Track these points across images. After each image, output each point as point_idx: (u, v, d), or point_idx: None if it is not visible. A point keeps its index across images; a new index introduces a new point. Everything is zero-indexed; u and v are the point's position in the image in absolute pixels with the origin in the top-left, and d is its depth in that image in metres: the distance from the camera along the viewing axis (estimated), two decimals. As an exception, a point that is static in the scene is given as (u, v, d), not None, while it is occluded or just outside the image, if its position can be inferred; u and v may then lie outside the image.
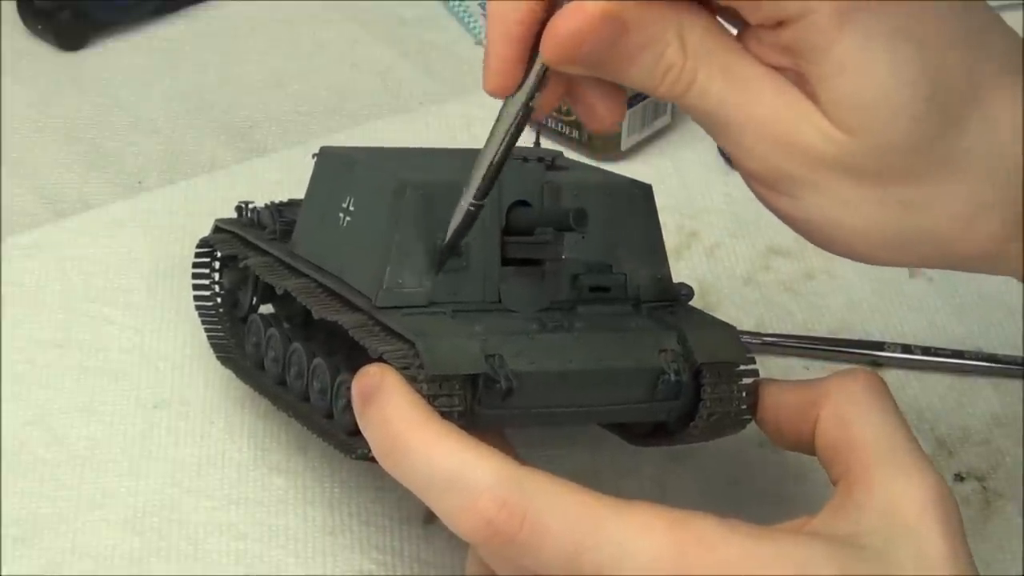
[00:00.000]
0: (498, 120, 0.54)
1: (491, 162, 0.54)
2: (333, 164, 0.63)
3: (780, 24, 0.50)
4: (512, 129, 0.53)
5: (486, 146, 0.54)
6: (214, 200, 0.81)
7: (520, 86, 0.53)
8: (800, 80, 0.52)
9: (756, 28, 0.51)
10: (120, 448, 0.68)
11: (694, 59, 0.52)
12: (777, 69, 0.52)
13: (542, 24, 0.51)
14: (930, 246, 0.54)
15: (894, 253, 0.55)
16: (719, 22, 0.53)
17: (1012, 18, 0.93)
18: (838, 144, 0.51)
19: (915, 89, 0.51)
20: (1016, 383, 0.74)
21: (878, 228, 0.53)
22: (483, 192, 0.55)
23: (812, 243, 0.56)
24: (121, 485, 0.66)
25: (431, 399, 0.54)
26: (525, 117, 0.53)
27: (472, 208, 0.56)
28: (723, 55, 0.52)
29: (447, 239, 0.57)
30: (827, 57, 0.50)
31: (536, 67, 0.52)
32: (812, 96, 0.51)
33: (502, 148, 0.54)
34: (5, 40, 0.96)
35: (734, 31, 0.53)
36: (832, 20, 0.50)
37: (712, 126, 0.53)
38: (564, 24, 0.50)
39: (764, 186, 0.54)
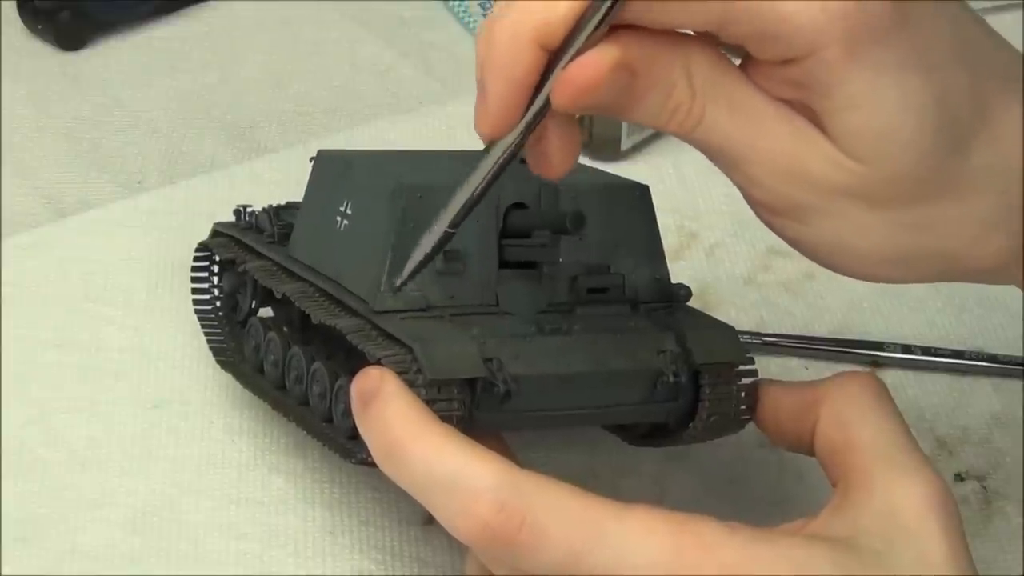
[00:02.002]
0: (485, 156, 0.53)
1: (472, 195, 0.53)
2: (330, 167, 0.63)
3: (788, 61, 0.50)
4: (497, 168, 0.53)
5: (470, 178, 0.53)
6: (214, 200, 0.81)
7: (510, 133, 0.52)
8: (807, 111, 0.51)
9: (761, 64, 0.51)
10: (120, 448, 0.68)
11: (701, 96, 0.51)
12: (784, 101, 0.52)
13: (544, 71, 0.51)
14: (938, 263, 0.54)
15: (902, 271, 0.55)
16: (724, 55, 0.52)
17: (1013, 18, 0.94)
18: (848, 172, 0.51)
19: (925, 119, 0.51)
20: (1016, 383, 0.74)
21: (887, 249, 0.53)
22: (457, 222, 0.54)
23: (819, 264, 0.55)
24: (121, 485, 0.66)
25: (430, 403, 0.54)
26: (512, 157, 0.53)
27: (446, 234, 0.55)
28: (729, 89, 0.52)
29: (415, 263, 0.54)
30: (837, 92, 0.50)
31: (533, 110, 0.51)
32: (820, 127, 0.51)
33: (484, 184, 0.53)
34: (5, 40, 0.96)
35: (737, 62, 0.53)
36: (841, 56, 0.49)
37: (720, 159, 0.53)
38: (579, 74, 0.50)
39: (772, 214, 0.54)
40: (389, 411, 0.53)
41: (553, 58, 0.50)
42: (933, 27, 0.51)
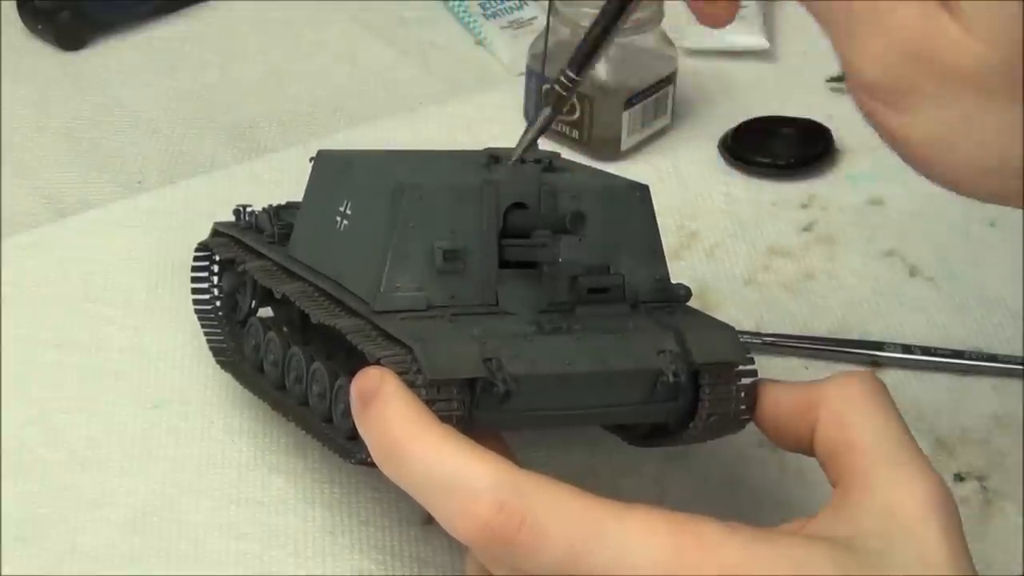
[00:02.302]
0: None
1: (596, 33, 0.55)
2: (330, 167, 0.63)
3: None
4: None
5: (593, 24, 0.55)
6: (214, 200, 0.80)
7: None
8: None
9: None
10: (120, 448, 0.68)
11: None
12: None
13: None
14: None
15: (994, 182, 0.53)
16: None
17: None
18: (973, 56, 0.50)
19: None
20: (1016, 383, 0.74)
21: (991, 151, 0.52)
22: (579, 66, 0.55)
23: (912, 166, 0.54)
24: (121, 485, 0.66)
25: (429, 404, 0.54)
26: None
27: (566, 80, 0.56)
28: None
29: (530, 135, 0.58)
30: None
31: None
32: (950, 6, 0.50)
33: (605, 21, 0.55)
34: (5, 40, 0.96)
35: None
36: None
37: (840, 29, 0.52)
38: None
39: (880, 99, 0.53)
40: (389, 411, 0.53)
41: None
42: None
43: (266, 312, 0.68)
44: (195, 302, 0.70)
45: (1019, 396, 0.73)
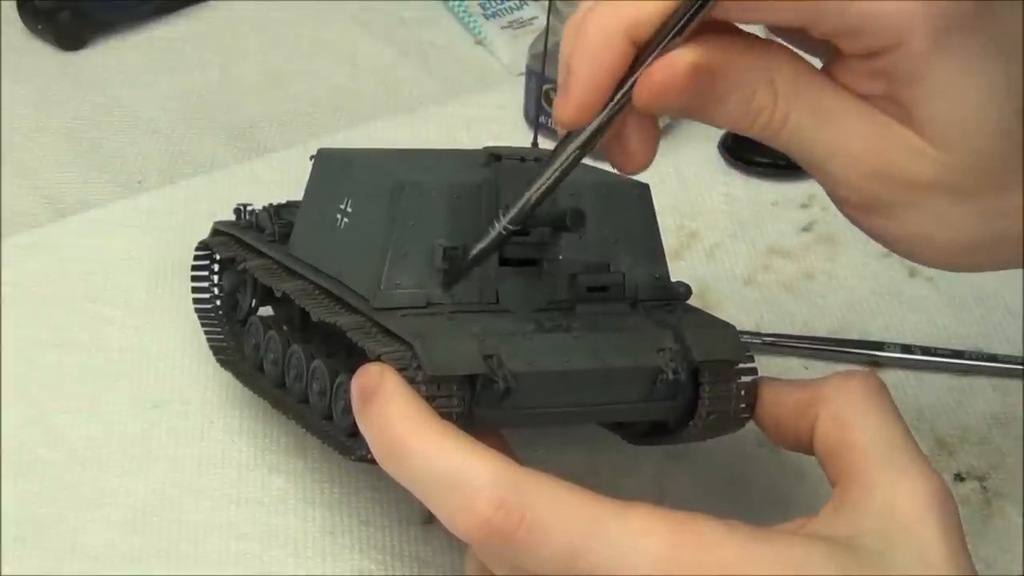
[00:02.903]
0: (560, 149, 0.54)
1: (538, 190, 0.55)
2: (330, 166, 0.63)
3: (874, 53, 0.51)
4: (567, 163, 0.54)
5: (538, 176, 0.55)
6: (214, 200, 0.80)
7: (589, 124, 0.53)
8: (891, 105, 0.52)
9: (847, 58, 0.52)
10: (120, 448, 0.68)
11: (785, 101, 0.52)
12: (866, 97, 0.52)
13: (627, 68, 0.52)
14: (1016, 248, 0.54)
15: (982, 258, 0.55)
16: (806, 61, 0.53)
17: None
18: (934, 164, 0.52)
19: (1006, 103, 0.51)
20: (1016, 383, 0.74)
21: (969, 238, 0.54)
22: (520, 219, 0.56)
23: (902, 256, 0.56)
24: (121, 485, 0.66)
25: (430, 400, 0.54)
26: (583, 153, 0.54)
27: (504, 232, 0.56)
28: (813, 92, 0.52)
29: (470, 255, 0.57)
30: (924, 81, 0.51)
31: (613, 104, 0.52)
32: (906, 119, 0.52)
33: (551, 180, 0.55)
34: (5, 40, 0.96)
35: (815, 62, 0.54)
36: (927, 45, 0.50)
37: (805, 161, 0.54)
38: (658, 75, 0.51)
39: (859, 211, 0.55)
40: (389, 408, 0.53)
41: (639, 55, 0.51)
42: (1010, 13, 0.52)
43: (266, 311, 0.68)
44: (195, 301, 0.71)
45: (1019, 396, 0.73)
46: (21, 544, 0.64)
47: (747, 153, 0.88)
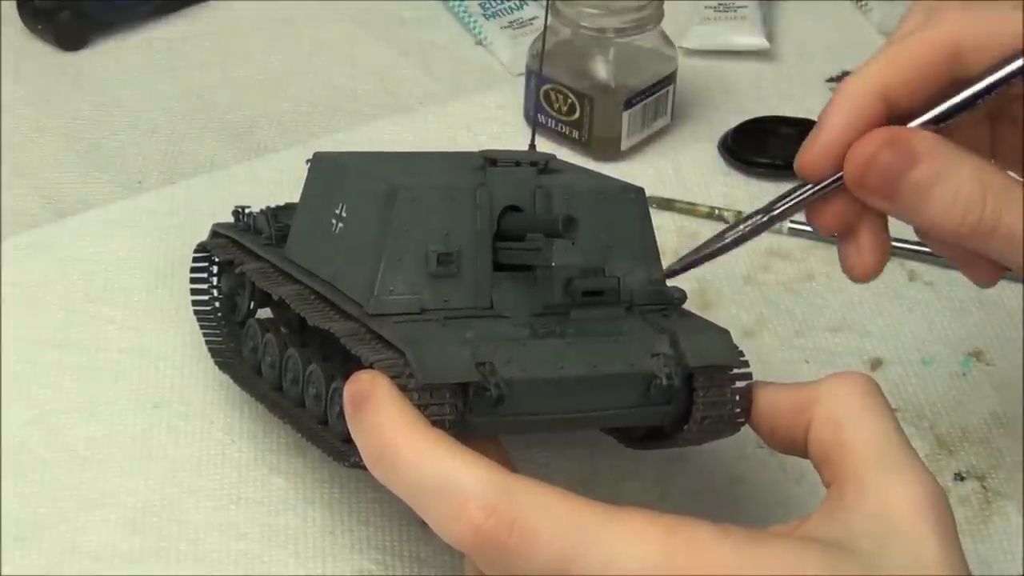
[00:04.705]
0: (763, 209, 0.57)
1: (710, 250, 0.58)
2: (326, 169, 0.63)
3: None
4: (750, 229, 0.57)
5: (721, 234, 0.57)
6: (214, 200, 0.81)
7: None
8: None
9: None
10: (120, 448, 0.68)
11: (995, 198, 0.51)
12: None
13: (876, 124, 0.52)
14: None
15: None
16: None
17: None
18: None
19: None
20: (1016, 383, 0.74)
21: None
22: (681, 270, 0.59)
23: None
24: (121, 485, 0.67)
25: (422, 408, 0.54)
26: (769, 222, 0.56)
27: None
28: (1017, 191, 0.52)
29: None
30: None
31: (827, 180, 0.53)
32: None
33: (728, 241, 0.58)
34: (5, 40, 0.96)
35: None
36: None
37: (1014, 262, 0.54)
38: (861, 145, 0.51)
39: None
40: (380, 416, 0.53)
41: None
42: None
43: (265, 313, 0.68)
44: (194, 304, 0.71)
45: (1019, 396, 0.73)
46: (21, 544, 0.64)
47: (747, 153, 0.88)
